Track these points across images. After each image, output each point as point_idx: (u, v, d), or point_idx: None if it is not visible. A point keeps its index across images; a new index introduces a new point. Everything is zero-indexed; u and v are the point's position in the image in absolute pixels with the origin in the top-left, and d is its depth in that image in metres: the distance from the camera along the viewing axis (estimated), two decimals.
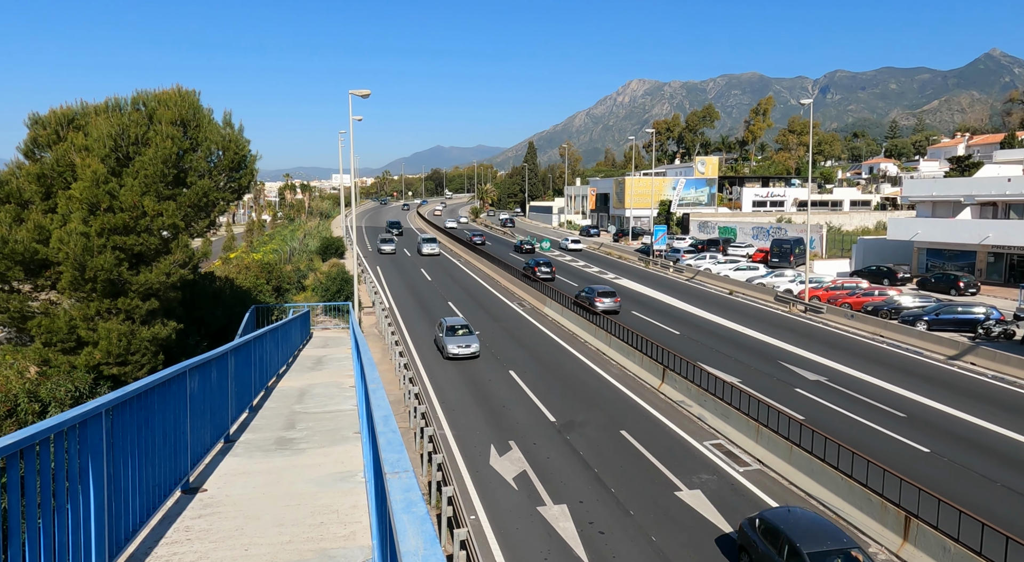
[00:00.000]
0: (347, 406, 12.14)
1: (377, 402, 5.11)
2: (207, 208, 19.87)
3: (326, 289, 39.92)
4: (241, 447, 9.30)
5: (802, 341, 32.00)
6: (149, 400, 6.17)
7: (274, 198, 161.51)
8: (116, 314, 18.05)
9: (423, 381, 25.91)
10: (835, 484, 15.91)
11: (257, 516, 6.69)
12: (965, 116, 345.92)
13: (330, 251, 61.66)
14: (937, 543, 13.08)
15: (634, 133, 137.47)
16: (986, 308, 33.40)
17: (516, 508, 15.87)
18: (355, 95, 31.79)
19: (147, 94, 18.91)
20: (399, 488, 2.85)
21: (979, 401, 23.35)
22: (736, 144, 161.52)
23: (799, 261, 52.32)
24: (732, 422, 20.32)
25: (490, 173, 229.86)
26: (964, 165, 79.27)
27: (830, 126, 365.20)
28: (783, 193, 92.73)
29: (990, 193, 46.31)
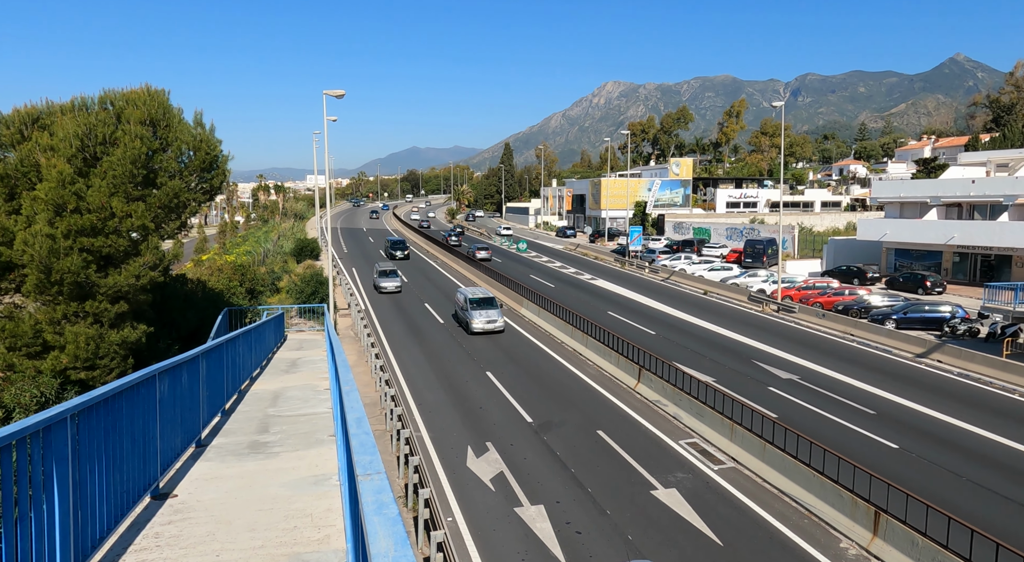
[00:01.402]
0: (322, 409, 12.03)
1: (351, 404, 5.08)
2: (178, 209, 19.55)
3: (301, 291, 39.53)
4: (213, 451, 9.16)
5: (775, 340, 32.46)
6: (117, 405, 6.05)
7: (247, 199, 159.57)
8: (84, 317, 17.67)
9: (399, 383, 25.77)
10: (807, 481, 16.15)
11: (229, 521, 6.59)
12: (931, 119, 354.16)
13: (305, 253, 61.08)
14: (906, 537, 13.34)
15: (610, 134, 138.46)
16: (952, 307, 34.20)
17: (493, 509, 15.86)
18: (329, 95, 31.53)
19: (115, 93, 18.55)
20: (371, 490, 2.83)
21: (945, 398, 23.89)
22: (710, 146, 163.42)
23: (772, 261, 53.08)
24: (707, 421, 20.53)
25: (466, 174, 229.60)
26: (930, 167, 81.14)
27: (801, 128, 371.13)
28: (756, 194, 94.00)
29: (955, 194, 47.45)
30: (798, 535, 14.78)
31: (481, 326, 30.35)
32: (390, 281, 46.05)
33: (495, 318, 30.69)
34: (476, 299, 32.95)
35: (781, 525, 15.21)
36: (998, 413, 22.36)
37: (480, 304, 32.33)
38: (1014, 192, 43.78)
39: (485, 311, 31.65)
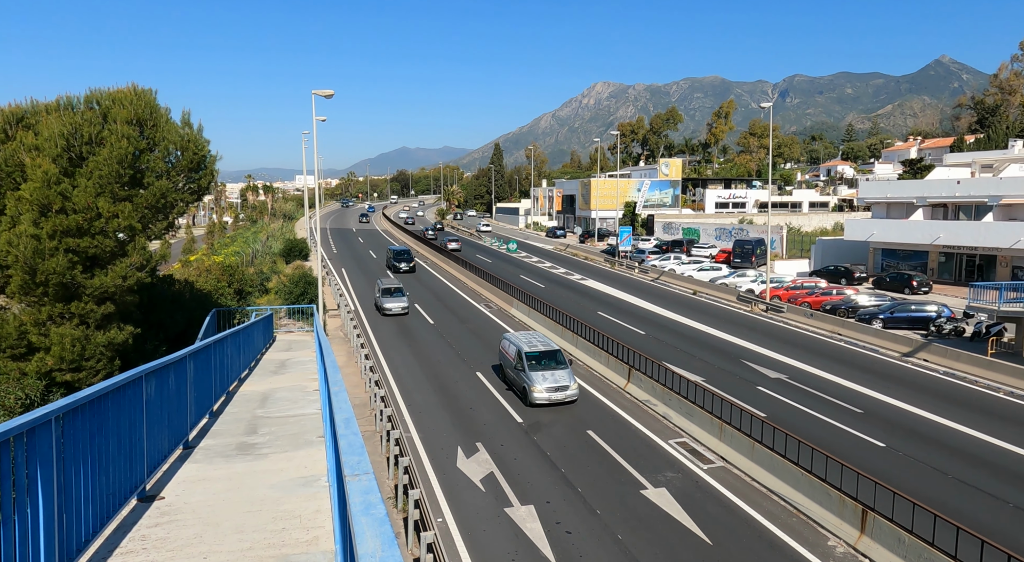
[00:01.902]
0: (311, 410, 11.98)
1: (339, 405, 5.06)
2: (165, 209, 19.40)
3: (290, 292, 39.34)
4: (201, 453, 9.10)
5: (764, 340, 32.64)
6: (103, 406, 6.00)
7: (236, 199, 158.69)
8: (69, 319, 17.51)
9: (389, 384, 25.70)
10: (795, 479, 16.25)
11: (217, 523, 6.55)
12: (917, 120, 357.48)
13: (294, 253, 60.79)
14: (892, 535, 13.45)
15: (599, 135, 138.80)
16: (938, 306, 34.53)
17: (483, 510, 15.85)
18: (318, 95, 31.40)
19: (101, 93, 18.38)
20: (358, 491, 2.83)
21: (932, 396, 24.11)
22: (699, 146, 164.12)
23: (760, 261, 53.38)
24: (696, 420, 20.61)
25: (456, 174, 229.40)
26: (916, 168, 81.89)
27: (789, 129, 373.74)
28: (745, 195, 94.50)
29: (940, 195, 47.91)
30: (787, 534, 14.87)
31: (545, 395, 21.37)
32: (395, 301, 38.23)
33: (566, 382, 21.35)
34: (535, 353, 22.78)
35: (770, 524, 15.30)
36: (983, 411, 22.59)
37: (541, 361, 22.59)
38: (998, 193, 44.26)
39: (551, 372, 22.16)
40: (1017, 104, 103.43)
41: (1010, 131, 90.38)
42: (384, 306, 37.73)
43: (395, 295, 38.50)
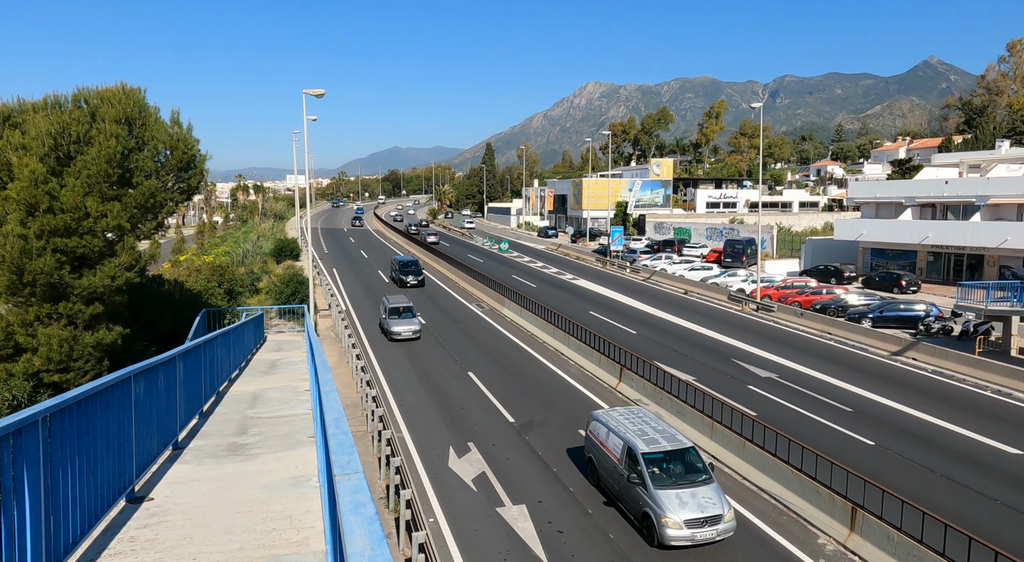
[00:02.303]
0: (302, 410, 11.93)
1: (329, 404, 5.05)
2: (154, 209, 19.28)
3: (280, 292, 39.19)
4: (190, 454, 9.05)
5: (754, 339, 32.78)
6: (91, 407, 5.95)
7: (226, 199, 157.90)
8: (57, 319, 17.37)
9: (381, 384, 25.64)
10: (786, 478, 16.33)
11: (206, 524, 6.52)
12: (906, 120, 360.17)
13: (284, 253, 60.59)
14: (882, 533, 13.55)
15: (591, 135, 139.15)
16: (926, 305, 34.79)
17: (475, 509, 15.84)
18: (309, 94, 31.29)
19: (89, 91, 18.24)
20: (348, 490, 2.82)
21: (920, 395, 24.29)
22: (690, 146, 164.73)
23: (751, 261, 53.61)
24: (687, 419, 20.68)
25: (448, 174, 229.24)
26: (905, 168, 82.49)
27: (780, 129, 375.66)
28: (735, 194, 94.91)
29: (929, 195, 48.28)
30: (777, 532, 14.94)
31: (686, 533, 13.50)
32: (405, 324, 32.05)
33: (716, 506, 13.80)
34: (658, 455, 14.82)
35: (761, 522, 15.36)
36: (971, 410, 22.78)
37: (670, 468, 14.79)
38: (986, 193, 44.65)
39: (690, 489, 14.22)
40: (1004, 105, 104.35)
41: (997, 131, 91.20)
42: (392, 329, 31.67)
43: (404, 316, 32.42)
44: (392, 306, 33.19)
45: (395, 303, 33.50)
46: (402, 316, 32.61)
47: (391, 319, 32.29)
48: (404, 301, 33.95)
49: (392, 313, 32.78)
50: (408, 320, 32.30)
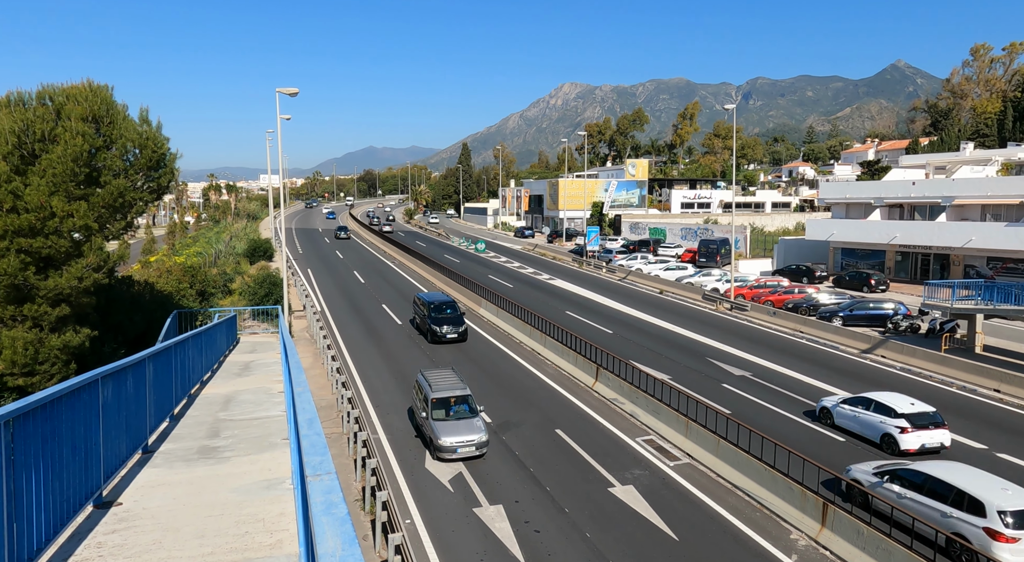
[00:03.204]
0: (276, 412, 11.79)
1: (302, 405, 4.99)
2: (123, 209, 18.88)
3: (254, 293, 38.68)
4: (160, 457, 8.89)
5: (728, 338, 33.16)
6: (56, 410, 5.82)
7: (198, 199, 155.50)
8: (22, 321, 16.94)
9: (356, 385, 25.44)
10: (759, 475, 16.55)
11: (177, 529, 6.41)
12: (875, 123, 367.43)
13: (258, 254, 59.84)
14: (852, 527, 13.79)
15: (567, 135, 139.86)
16: (895, 304, 35.52)
17: (452, 510, 15.80)
18: (283, 93, 30.94)
19: (54, 88, 17.81)
20: (320, 490, 2.79)
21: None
22: (665, 147, 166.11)
23: (725, 261, 54.25)
24: (663, 418, 20.85)
25: (424, 174, 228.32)
26: (874, 169, 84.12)
27: (752, 131, 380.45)
28: (710, 195, 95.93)
29: (897, 196, 49.30)
30: (751, 528, 15.13)
31: None
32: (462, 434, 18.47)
33: None
34: None
35: (734, 519, 15.55)
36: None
37: None
38: (951, 194, 45.72)
39: None
40: (968, 108, 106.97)
41: (962, 134, 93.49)
42: (440, 440, 18.06)
43: (459, 414, 18.97)
44: (439, 395, 19.33)
45: (441, 387, 19.73)
46: (454, 414, 18.95)
47: (438, 421, 18.64)
48: (458, 386, 19.97)
49: (438, 407, 19.12)
50: (467, 423, 18.56)
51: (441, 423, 18.73)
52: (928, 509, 14.10)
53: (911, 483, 14.81)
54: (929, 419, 19.24)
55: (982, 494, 13.55)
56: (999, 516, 13.01)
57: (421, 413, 19.63)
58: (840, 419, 20.88)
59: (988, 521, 13.08)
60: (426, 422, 19.09)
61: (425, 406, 19.36)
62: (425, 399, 19.61)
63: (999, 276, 41.17)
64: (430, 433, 18.65)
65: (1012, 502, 13.28)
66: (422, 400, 19.87)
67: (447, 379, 20.52)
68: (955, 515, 13.65)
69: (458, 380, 20.50)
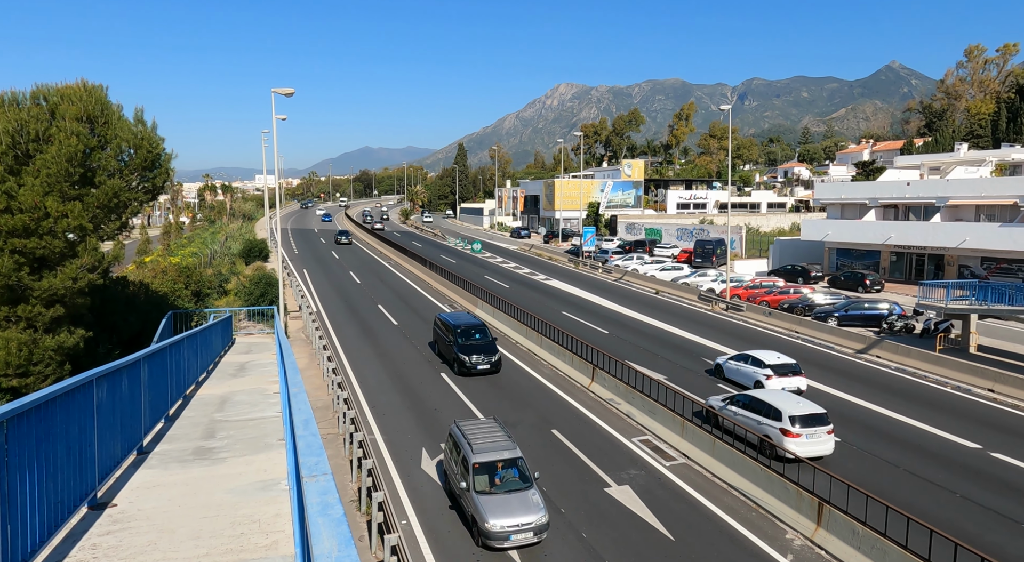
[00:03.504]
0: (271, 413, 11.77)
1: (298, 406, 4.99)
2: (118, 209, 18.81)
3: (250, 293, 38.60)
4: (155, 458, 8.87)
5: (724, 338, 33.22)
6: (51, 411, 5.80)
7: (193, 199, 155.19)
8: (16, 322, 16.86)
9: (352, 386, 25.41)
10: (755, 475, 16.58)
11: (172, 530, 6.39)
12: (869, 123, 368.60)
13: (254, 254, 59.68)
14: (847, 527, 13.83)
15: (563, 136, 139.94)
16: (889, 304, 35.63)
17: (448, 511, 15.77)
18: (279, 93, 30.89)
19: (49, 88, 17.74)
20: (316, 491, 2.79)
21: (884, 392, 24.86)
22: (661, 148, 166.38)
23: (721, 261, 54.35)
24: (659, 418, 20.88)
25: (420, 174, 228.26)
26: (869, 170, 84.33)
27: (748, 131, 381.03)
28: (705, 195, 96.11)
29: (892, 196, 49.47)
30: (746, 528, 15.16)
31: None
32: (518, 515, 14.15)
33: None
34: None
35: (730, 519, 15.57)
36: (932, 406, 23.39)
37: None
38: (945, 194, 45.90)
39: None
40: (962, 109, 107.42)
41: (956, 135, 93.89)
42: (489, 526, 14.05)
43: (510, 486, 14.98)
44: (482, 458, 15.23)
45: (484, 446, 15.53)
46: (502, 485, 15.02)
47: (482, 494, 14.71)
48: (499, 441, 15.83)
49: (481, 474, 15.07)
50: (520, 498, 14.64)
51: (487, 498, 14.46)
52: (750, 420, 19.27)
53: (742, 404, 20.00)
54: (789, 368, 24.20)
55: (780, 405, 18.73)
56: (789, 420, 18.24)
57: (459, 481, 15.15)
58: (728, 372, 25.87)
59: (783, 424, 18.31)
60: (466, 495, 14.84)
61: (464, 472, 15.08)
62: (464, 463, 15.17)
63: (993, 276, 41.35)
64: (472, 511, 14.47)
65: (799, 409, 18.52)
66: (459, 463, 15.46)
67: (491, 435, 15.94)
68: (765, 422, 18.83)
69: (504, 436, 15.96)
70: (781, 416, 18.39)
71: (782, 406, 18.73)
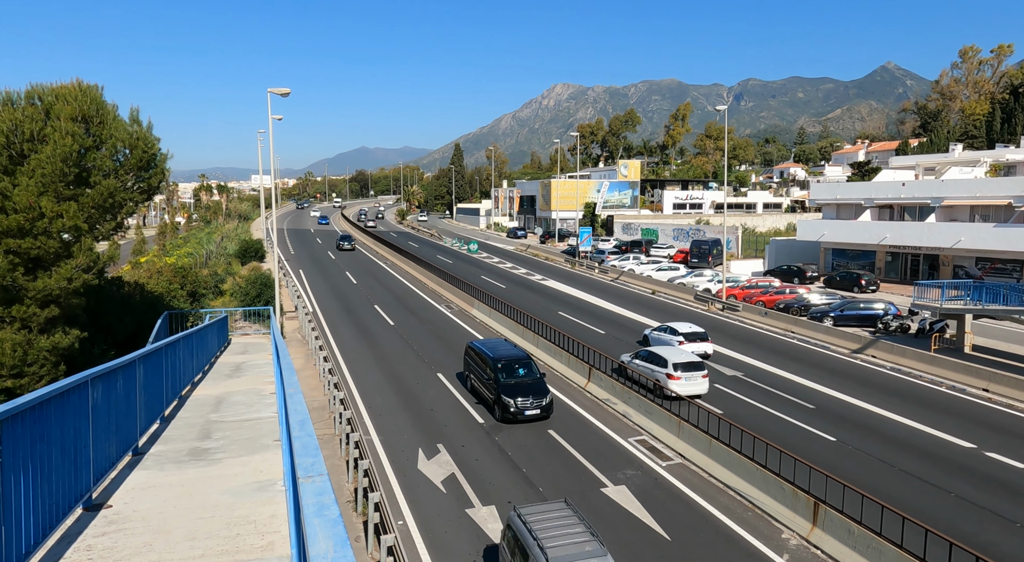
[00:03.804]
0: (267, 413, 11.74)
1: (294, 407, 4.98)
2: (113, 209, 18.75)
3: (246, 293, 38.51)
4: (151, 459, 8.84)
5: (720, 338, 33.26)
6: (45, 412, 5.77)
7: (189, 199, 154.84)
8: (10, 323, 16.79)
9: (349, 387, 25.37)
10: (751, 475, 16.61)
11: (167, 531, 6.37)
12: (865, 124, 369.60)
13: (250, 254, 59.56)
14: (843, 526, 13.87)
15: (559, 136, 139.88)
16: (885, 304, 35.73)
17: (444, 511, 15.78)
18: (275, 93, 30.83)
19: (43, 88, 17.67)
20: (312, 492, 2.78)
21: (879, 391, 24.93)
22: (657, 148, 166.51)
23: (717, 261, 54.43)
24: (655, 418, 20.89)
25: (416, 175, 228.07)
26: (864, 170, 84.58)
27: (744, 132, 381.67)
28: (701, 196, 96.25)
29: (887, 196, 49.61)
30: (742, 528, 15.18)
31: None
32: None
33: None
34: None
35: (726, 518, 15.60)
36: (927, 405, 23.46)
37: None
38: (940, 195, 46.04)
39: None
40: (957, 109, 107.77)
41: (951, 135, 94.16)
42: None
43: None
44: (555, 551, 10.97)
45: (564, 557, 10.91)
46: None
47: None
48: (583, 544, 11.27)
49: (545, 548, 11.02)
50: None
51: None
52: (646, 369, 24.36)
53: (643, 358, 25.13)
54: (698, 335, 29.08)
55: (667, 356, 23.93)
56: (673, 367, 23.36)
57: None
58: (652, 341, 30.35)
59: (668, 370, 23.40)
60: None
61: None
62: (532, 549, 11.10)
63: (987, 276, 41.50)
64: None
65: (680, 358, 23.85)
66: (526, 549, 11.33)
67: (568, 532, 11.50)
68: (656, 370, 23.91)
69: (587, 533, 11.52)
70: (667, 364, 23.46)
71: (668, 357, 23.84)
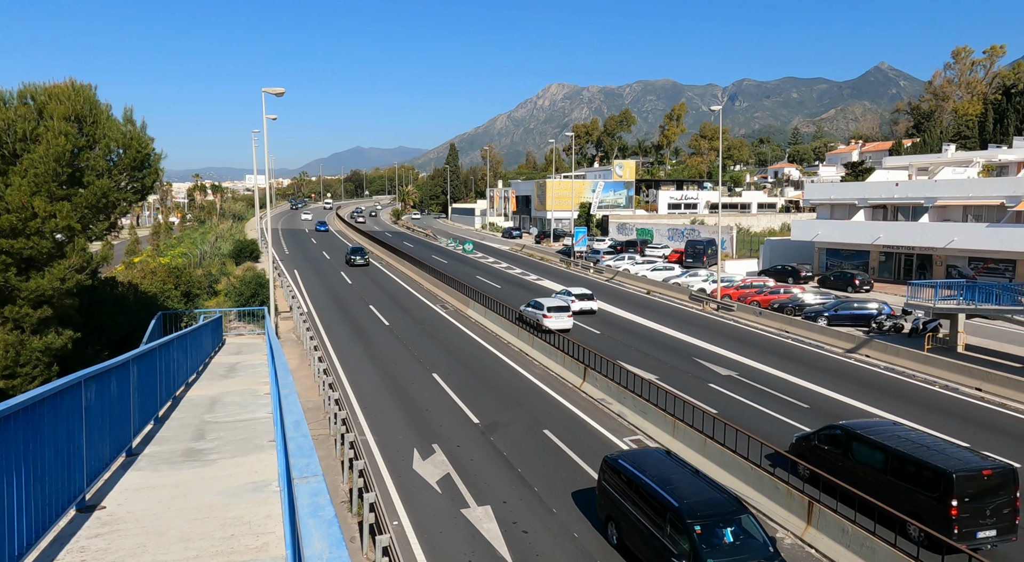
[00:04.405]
0: (262, 414, 11.71)
1: (289, 407, 4.97)
2: (107, 209, 18.68)
3: (240, 294, 38.40)
4: (145, 460, 8.81)
5: (715, 338, 33.35)
6: (38, 413, 5.75)
7: (183, 199, 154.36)
8: (3, 323, 16.70)
9: (344, 387, 25.33)
10: (745, 474, 16.64)
11: (161, 532, 6.35)
12: (858, 124, 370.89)
13: (244, 254, 59.41)
14: (837, 526, 13.91)
15: (554, 136, 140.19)
16: (879, 304, 35.88)
17: (439, 511, 15.76)
18: (269, 93, 30.76)
19: (36, 87, 17.59)
20: (307, 493, 2.78)
21: (873, 391, 25.03)
22: (652, 148, 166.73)
23: (711, 261, 54.55)
24: (650, 418, 20.92)
25: (411, 175, 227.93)
26: (858, 170, 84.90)
27: (738, 132, 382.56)
28: (696, 196, 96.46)
29: (880, 197, 49.82)
30: None
31: None
32: None
33: None
34: None
35: None
36: (920, 404, 23.56)
37: None
38: (933, 195, 46.26)
39: None
40: (950, 110, 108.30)
41: (944, 136, 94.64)
42: None
43: None
44: None
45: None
46: None
47: None
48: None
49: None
50: None
51: None
52: (533, 313, 33.91)
53: (531, 305, 34.90)
54: (587, 296, 38.86)
55: (543, 302, 34.24)
56: (547, 309, 33.34)
57: None
58: (555, 296, 38.49)
59: (544, 312, 33.29)
60: None
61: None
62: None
63: (980, 276, 41.72)
64: None
65: (552, 304, 33.93)
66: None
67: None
68: (539, 313, 33.47)
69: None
70: (543, 307, 33.55)
71: (544, 302, 34.27)
